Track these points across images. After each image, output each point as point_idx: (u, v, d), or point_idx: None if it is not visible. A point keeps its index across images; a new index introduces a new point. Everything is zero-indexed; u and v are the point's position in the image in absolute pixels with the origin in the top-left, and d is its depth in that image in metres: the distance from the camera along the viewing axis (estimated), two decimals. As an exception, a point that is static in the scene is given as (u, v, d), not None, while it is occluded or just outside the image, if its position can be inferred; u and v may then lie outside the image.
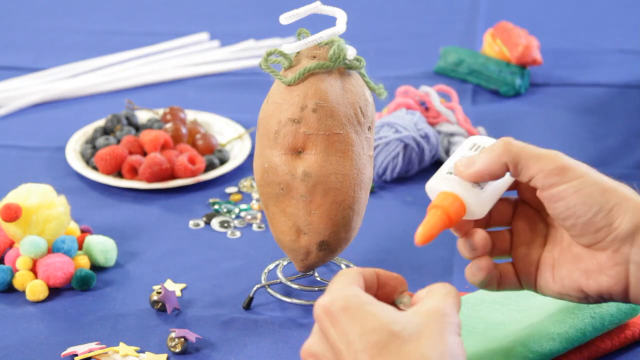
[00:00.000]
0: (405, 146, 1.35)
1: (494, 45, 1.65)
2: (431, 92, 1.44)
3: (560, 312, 1.03)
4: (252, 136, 1.46)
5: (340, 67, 1.05)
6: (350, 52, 1.05)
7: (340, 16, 1.05)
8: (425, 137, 1.37)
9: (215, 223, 1.28)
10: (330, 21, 1.05)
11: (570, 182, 0.89)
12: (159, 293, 1.12)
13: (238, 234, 1.27)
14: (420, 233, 0.91)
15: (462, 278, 1.17)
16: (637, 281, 0.89)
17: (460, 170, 0.91)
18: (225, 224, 1.28)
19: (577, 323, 1.02)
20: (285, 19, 1.05)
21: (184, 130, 1.43)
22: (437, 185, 0.92)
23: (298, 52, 1.06)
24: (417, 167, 1.37)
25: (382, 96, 1.08)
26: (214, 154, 1.41)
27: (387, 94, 1.10)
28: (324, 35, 1.04)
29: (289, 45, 1.05)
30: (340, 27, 1.04)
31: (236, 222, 1.29)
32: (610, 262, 0.89)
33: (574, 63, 1.71)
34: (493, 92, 1.61)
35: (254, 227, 1.28)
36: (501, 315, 1.06)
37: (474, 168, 0.90)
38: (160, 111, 1.50)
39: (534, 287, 0.95)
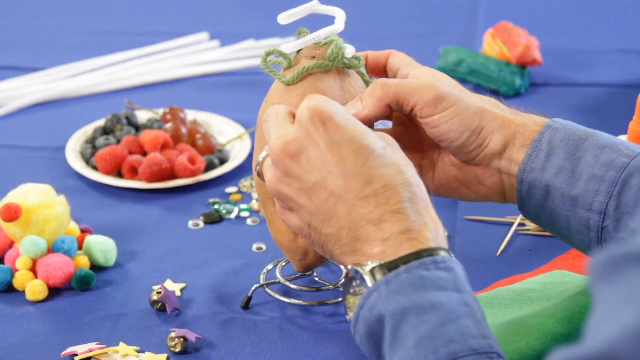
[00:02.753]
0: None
1: (494, 45, 1.65)
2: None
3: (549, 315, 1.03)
4: (252, 136, 1.46)
5: (339, 67, 1.05)
6: (349, 51, 1.04)
7: (339, 15, 1.05)
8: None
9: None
10: (330, 21, 1.05)
11: (444, 111, 0.99)
12: (159, 293, 1.12)
13: (238, 233, 1.27)
14: None
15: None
16: (510, 187, 1.01)
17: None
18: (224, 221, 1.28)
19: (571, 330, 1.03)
20: (284, 18, 1.05)
21: (184, 130, 1.43)
22: None
23: (297, 53, 1.06)
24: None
25: None
26: (214, 154, 1.41)
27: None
28: (322, 33, 1.04)
29: (288, 45, 1.05)
30: (339, 26, 1.04)
31: (236, 222, 1.29)
32: (486, 174, 1.02)
33: (574, 63, 1.71)
34: (493, 92, 1.61)
35: (253, 226, 1.28)
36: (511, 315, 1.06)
37: (362, 115, 1.00)
38: (160, 111, 1.50)
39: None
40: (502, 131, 1.00)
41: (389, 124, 1.09)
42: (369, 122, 1.00)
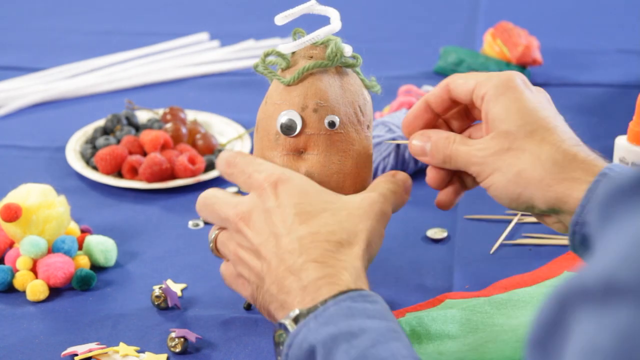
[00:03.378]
0: (398, 145, 1.35)
1: (494, 45, 1.65)
2: (432, 92, 1.44)
3: None
4: (252, 136, 1.45)
5: (338, 66, 1.05)
6: (347, 50, 1.05)
7: (334, 15, 1.05)
8: (422, 136, 1.37)
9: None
10: (325, 21, 1.05)
11: (484, 181, 1.02)
12: (160, 289, 1.12)
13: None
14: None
15: (462, 278, 1.17)
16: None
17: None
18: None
19: None
20: (280, 19, 1.05)
21: (184, 130, 1.43)
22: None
23: (294, 54, 1.06)
24: (413, 167, 1.37)
25: (374, 89, 1.09)
26: (214, 154, 1.41)
27: (387, 93, 1.10)
28: (320, 33, 1.04)
29: (286, 45, 1.05)
30: (336, 25, 1.04)
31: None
32: (550, 220, 1.02)
33: (574, 63, 1.71)
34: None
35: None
36: (505, 320, 1.06)
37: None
38: (160, 111, 1.50)
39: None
40: (543, 196, 0.99)
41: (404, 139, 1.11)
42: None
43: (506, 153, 0.99)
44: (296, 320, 0.90)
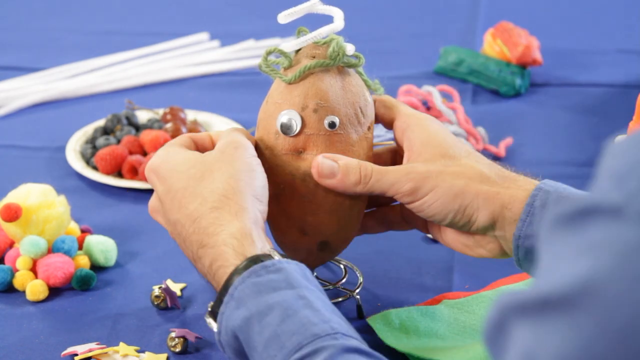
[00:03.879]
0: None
1: (494, 45, 1.65)
2: (433, 92, 1.44)
3: None
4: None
5: (339, 66, 1.05)
6: (349, 49, 1.05)
7: (337, 14, 1.05)
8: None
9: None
10: (328, 20, 1.05)
11: (423, 197, 1.00)
12: (160, 289, 1.12)
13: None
14: None
15: (462, 278, 1.17)
16: (509, 250, 1.01)
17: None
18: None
19: None
20: (283, 17, 1.05)
21: (184, 130, 1.42)
22: None
23: (297, 53, 1.06)
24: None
25: (378, 91, 1.09)
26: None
27: (387, 93, 1.10)
28: (322, 31, 1.04)
29: (288, 44, 1.05)
30: (339, 24, 1.04)
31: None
32: (484, 241, 1.03)
33: (574, 63, 1.71)
34: (493, 92, 1.61)
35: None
36: None
37: (334, 184, 1.03)
38: (160, 111, 1.50)
39: (427, 232, 1.09)
40: (488, 207, 1.00)
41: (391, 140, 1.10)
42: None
43: (443, 172, 1.00)
44: (214, 308, 0.92)
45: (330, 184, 1.02)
